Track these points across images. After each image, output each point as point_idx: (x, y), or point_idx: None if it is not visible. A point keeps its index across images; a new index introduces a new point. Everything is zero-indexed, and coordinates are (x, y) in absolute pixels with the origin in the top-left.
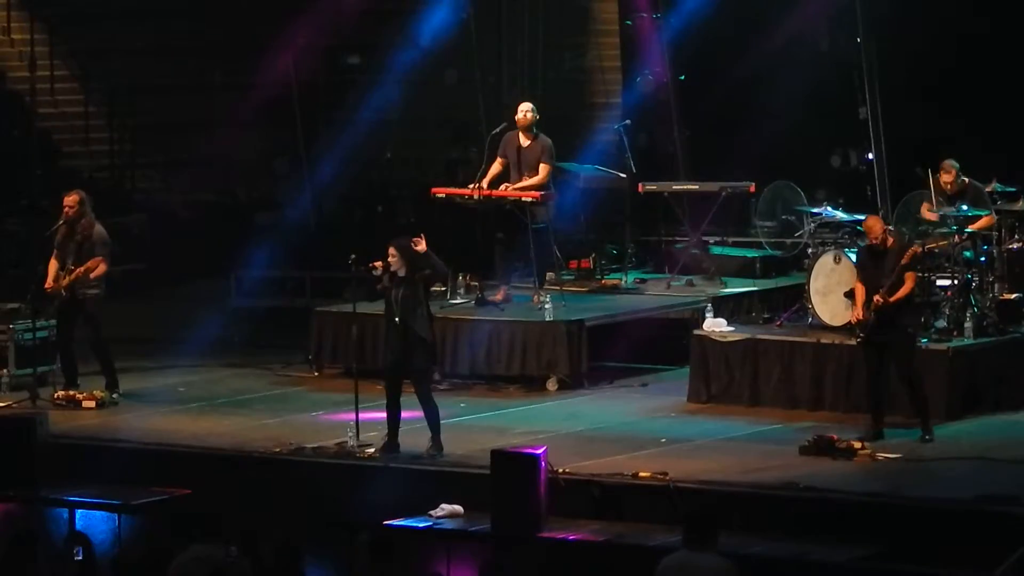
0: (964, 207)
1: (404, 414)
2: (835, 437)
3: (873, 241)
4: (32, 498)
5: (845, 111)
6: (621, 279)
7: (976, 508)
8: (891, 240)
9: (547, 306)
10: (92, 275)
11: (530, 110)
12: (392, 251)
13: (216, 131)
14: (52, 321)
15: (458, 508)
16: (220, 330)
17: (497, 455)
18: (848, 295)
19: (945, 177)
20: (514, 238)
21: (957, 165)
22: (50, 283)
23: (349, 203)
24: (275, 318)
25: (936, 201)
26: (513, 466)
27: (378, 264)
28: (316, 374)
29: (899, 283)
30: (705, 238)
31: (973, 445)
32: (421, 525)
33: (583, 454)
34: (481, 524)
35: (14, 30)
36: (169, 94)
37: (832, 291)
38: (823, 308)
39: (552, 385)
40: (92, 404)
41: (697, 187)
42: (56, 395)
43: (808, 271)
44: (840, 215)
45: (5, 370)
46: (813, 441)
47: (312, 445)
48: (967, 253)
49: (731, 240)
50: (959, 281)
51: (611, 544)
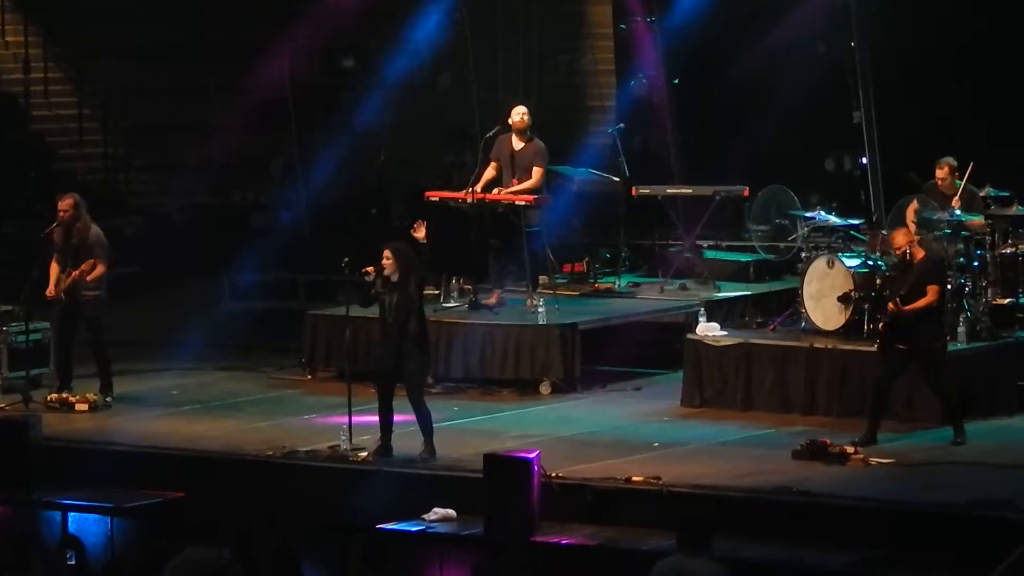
0: (957, 212)
1: (397, 418)
2: (828, 442)
3: (897, 252)
4: (25, 501)
5: (839, 115)
6: (615, 283)
7: (969, 513)
8: (920, 253)
9: (540, 310)
10: (89, 277)
11: (524, 113)
12: (387, 254)
13: (210, 134)
14: (45, 323)
15: (451, 512)
16: (214, 333)
17: (490, 459)
18: (842, 300)
19: (939, 172)
20: (508, 242)
21: (954, 163)
22: (51, 290)
23: (343, 206)
24: (269, 321)
25: (929, 204)
26: (506, 470)
27: (370, 270)
28: (309, 377)
29: (918, 294)
30: (699, 242)
31: (966, 450)
32: (414, 529)
33: (576, 458)
34: (474, 528)
35: (8, 32)
36: (163, 96)
37: (826, 295)
38: (816, 312)
39: (545, 389)
40: (85, 407)
41: (691, 191)
42: (49, 398)
43: (802, 275)
44: (834, 219)
45: None
46: (806, 446)
47: (305, 448)
48: (960, 258)
49: (725, 244)
50: (952, 286)
51: (604, 548)
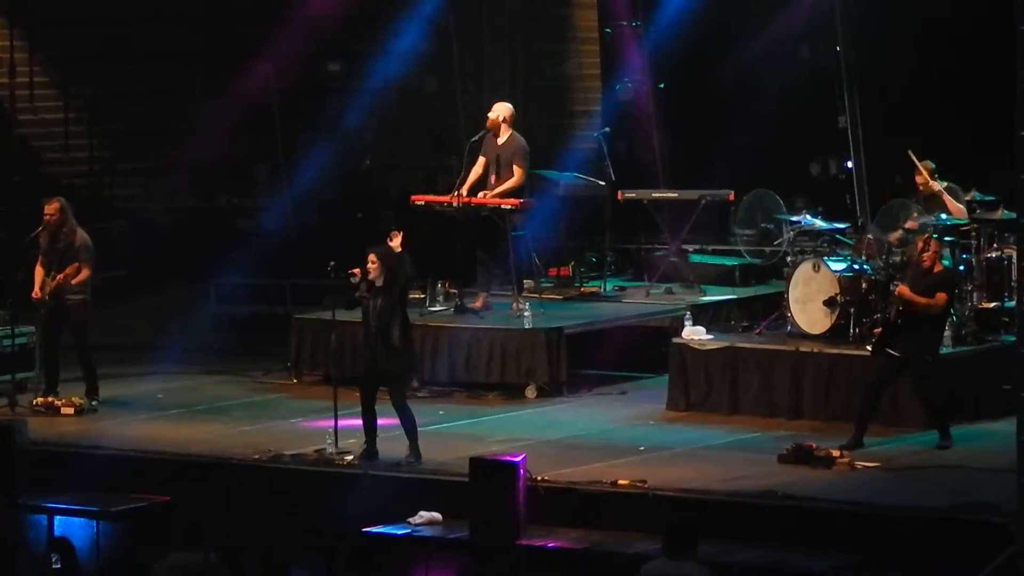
0: (943, 215)
1: (382, 422)
2: (814, 446)
3: (925, 262)
4: (10, 505)
5: (824, 119)
6: (600, 287)
7: (954, 517)
8: (939, 267)
9: (526, 314)
10: (75, 281)
11: (505, 109)
12: (372, 258)
13: (196, 138)
14: (31, 327)
15: (437, 515)
16: (200, 337)
17: (476, 463)
18: (828, 304)
19: (919, 178)
20: (493, 245)
21: (932, 165)
22: (36, 292)
23: (329, 210)
24: (254, 325)
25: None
26: (492, 474)
27: (356, 271)
28: (295, 381)
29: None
30: (685, 246)
31: (951, 454)
32: (400, 532)
33: (562, 462)
34: (460, 532)
35: None
36: (149, 101)
37: (811, 299)
38: (802, 316)
39: (531, 393)
40: (71, 411)
41: (677, 195)
42: (35, 402)
43: (787, 279)
44: (819, 223)
45: None
46: (792, 450)
47: (291, 452)
48: (946, 262)
49: (710, 248)
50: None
51: (590, 552)
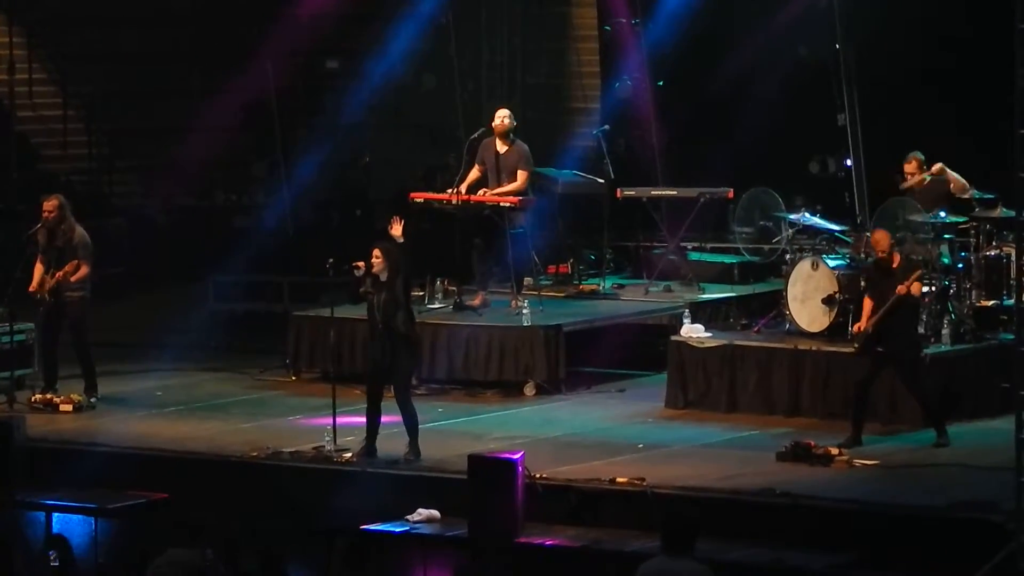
0: (942, 213)
1: (382, 419)
2: (812, 443)
3: (880, 255)
4: (9, 502)
5: (823, 117)
6: (599, 284)
7: (952, 515)
8: (897, 257)
9: (525, 311)
10: (73, 278)
11: (507, 116)
12: (376, 253)
13: (194, 135)
14: (30, 324)
15: (435, 513)
16: (198, 334)
17: (474, 460)
18: (826, 302)
19: (908, 168)
20: (492, 243)
21: (922, 156)
22: (34, 286)
23: (327, 207)
24: (253, 322)
25: (915, 208)
26: (490, 471)
27: (360, 264)
28: (293, 378)
29: (900, 305)
30: (683, 244)
31: (949, 452)
32: (398, 530)
33: (560, 459)
34: (458, 529)
35: None
36: (147, 98)
37: (810, 297)
38: (801, 314)
39: (529, 390)
40: (69, 408)
41: (675, 193)
42: (33, 398)
43: (786, 277)
44: (818, 221)
45: None
46: (790, 447)
47: (289, 449)
48: (945, 259)
49: (709, 246)
50: (936, 288)
51: (588, 550)
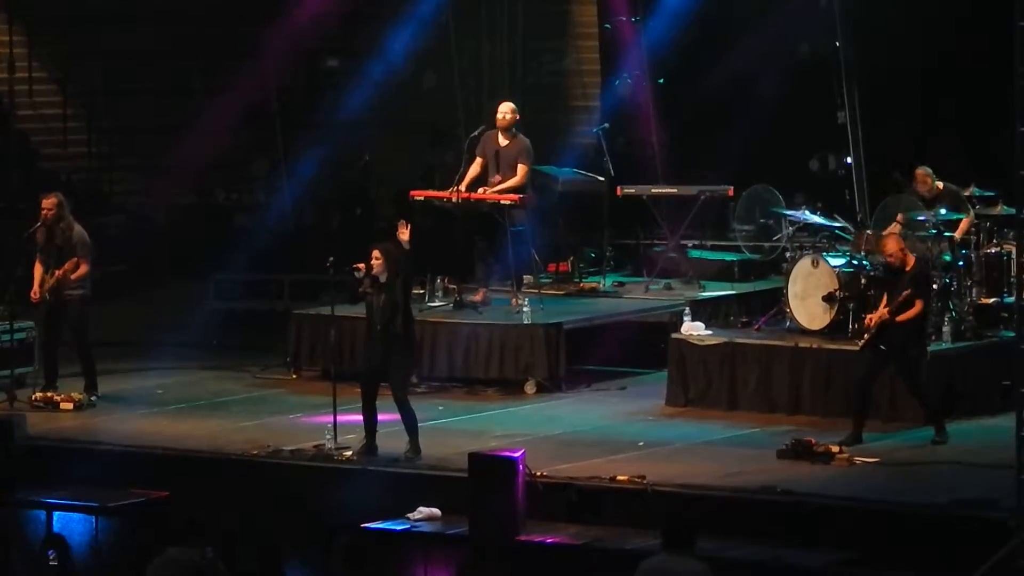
0: (943, 211)
1: (382, 417)
2: (813, 441)
3: (889, 260)
4: (9, 500)
5: (824, 115)
6: (599, 282)
7: (953, 512)
8: (911, 261)
9: (525, 309)
10: (73, 276)
11: (511, 111)
12: (376, 254)
13: (195, 134)
14: (30, 322)
15: (435, 511)
16: (198, 332)
17: (475, 458)
18: (827, 299)
19: (921, 187)
20: (492, 241)
21: (930, 171)
22: (35, 292)
23: (327, 206)
24: (253, 321)
25: (915, 204)
26: (491, 469)
27: (360, 266)
28: (294, 377)
29: (908, 305)
30: (683, 242)
31: (950, 449)
32: (398, 528)
33: (561, 457)
34: (458, 527)
35: None
36: (148, 97)
37: (810, 295)
38: (801, 312)
39: (530, 388)
40: (70, 406)
41: (676, 190)
42: (34, 397)
43: (786, 275)
44: (818, 219)
45: None
46: (791, 445)
47: (290, 448)
48: (945, 257)
49: (709, 244)
50: (937, 285)
51: (589, 548)
